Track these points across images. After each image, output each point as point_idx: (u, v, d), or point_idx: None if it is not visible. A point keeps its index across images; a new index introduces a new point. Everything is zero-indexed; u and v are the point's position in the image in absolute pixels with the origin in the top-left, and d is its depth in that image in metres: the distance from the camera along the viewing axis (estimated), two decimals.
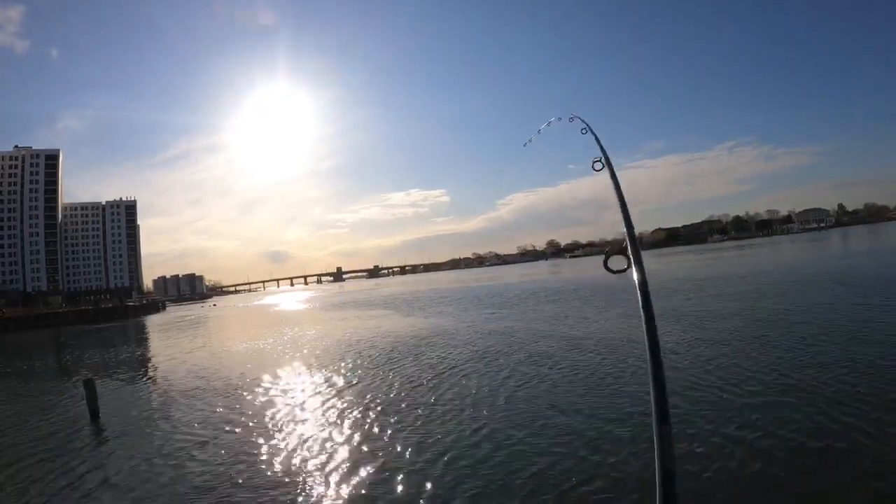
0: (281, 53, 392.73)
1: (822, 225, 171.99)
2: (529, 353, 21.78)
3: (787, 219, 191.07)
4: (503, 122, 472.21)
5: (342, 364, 22.96)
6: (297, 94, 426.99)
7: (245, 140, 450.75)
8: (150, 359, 33.38)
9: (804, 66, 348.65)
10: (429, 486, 9.50)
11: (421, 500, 9.02)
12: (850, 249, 66.56)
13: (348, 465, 10.90)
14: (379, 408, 15.33)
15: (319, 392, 18.41)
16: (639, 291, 1.79)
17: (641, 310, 1.74)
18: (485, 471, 9.83)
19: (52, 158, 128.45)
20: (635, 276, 1.89)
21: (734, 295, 31.79)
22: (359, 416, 14.77)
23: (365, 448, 11.82)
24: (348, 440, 12.73)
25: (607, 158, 2.83)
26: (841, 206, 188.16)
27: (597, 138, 3.18)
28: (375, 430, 13.27)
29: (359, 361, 23.27)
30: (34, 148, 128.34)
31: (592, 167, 2.82)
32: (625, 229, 2.12)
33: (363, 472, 10.40)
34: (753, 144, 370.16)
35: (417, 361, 22.15)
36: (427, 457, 10.90)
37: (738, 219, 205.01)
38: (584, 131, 3.43)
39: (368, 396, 16.83)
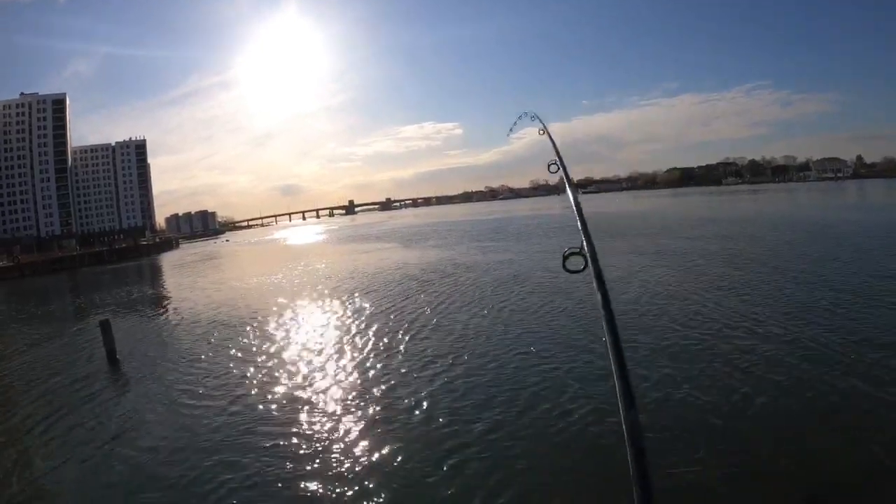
0: None
1: (839, 175, 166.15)
2: (539, 284, 22.14)
3: (805, 166, 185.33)
4: (518, 54, 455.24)
5: (352, 297, 23.12)
6: (307, 25, 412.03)
7: (256, 76, 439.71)
8: (165, 297, 33.84)
9: (823, 11, 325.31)
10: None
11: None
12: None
13: (361, 396, 11.11)
14: (386, 336, 15.59)
15: (331, 324, 18.70)
16: (598, 292, 1.81)
17: (601, 308, 1.73)
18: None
19: (58, 103, 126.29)
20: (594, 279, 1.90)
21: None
22: (370, 345, 15.03)
23: (376, 379, 11.97)
24: (359, 369, 12.98)
25: (562, 162, 3.01)
26: (860, 158, 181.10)
27: (553, 141, 3.29)
28: (385, 358, 13.48)
29: (368, 294, 23.39)
30: (41, 94, 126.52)
31: (548, 169, 2.99)
32: (580, 228, 2.21)
33: (379, 400, 10.74)
34: (771, 88, 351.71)
35: (433, 292, 22.37)
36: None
37: (753, 163, 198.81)
38: (541, 132, 3.59)
39: (378, 325, 17.16)
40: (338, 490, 7.68)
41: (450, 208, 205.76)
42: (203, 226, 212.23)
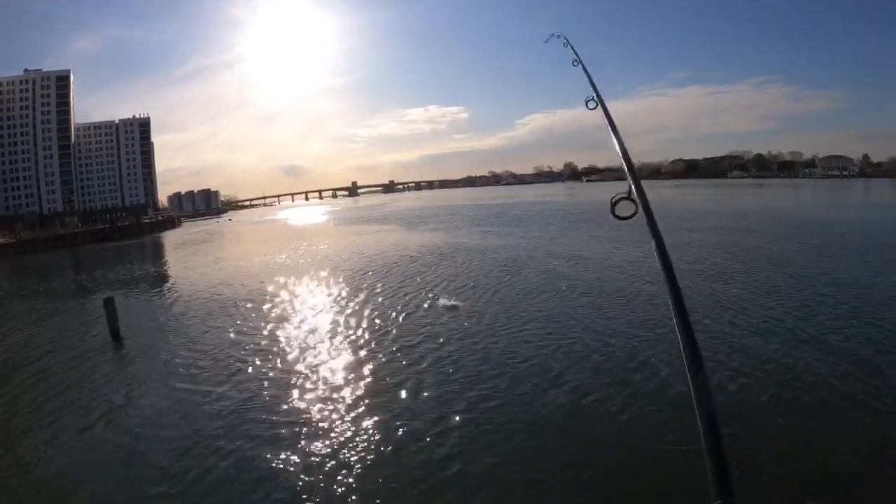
0: None
1: (845, 173, 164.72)
2: (539, 271, 22.19)
3: (811, 163, 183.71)
4: (525, 41, 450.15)
5: (354, 278, 23.09)
6: (313, 3, 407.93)
7: (262, 55, 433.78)
8: (168, 275, 33.93)
9: (836, 7, 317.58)
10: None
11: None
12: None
13: (358, 374, 11.17)
14: (385, 316, 15.62)
15: (332, 304, 18.78)
16: (652, 239, 1.69)
17: (658, 260, 1.60)
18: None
19: (62, 80, 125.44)
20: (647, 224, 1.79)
21: None
22: (369, 325, 15.06)
23: (374, 358, 12.01)
24: (359, 348, 13.05)
25: (600, 97, 2.66)
26: (866, 157, 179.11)
27: (588, 74, 2.95)
28: (383, 337, 13.47)
29: (370, 275, 23.43)
30: (44, 70, 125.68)
31: (586, 105, 2.67)
32: (628, 176, 2.01)
33: (376, 379, 10.79)
34: (780, 83, 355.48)
35: (429, 274, 22.45)
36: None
37: (759, 157, 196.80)
38: (575, 63, 3.20)
39: (377, 305, 17.26)
40: (340, 472, 7.78)
41: (453, 192, 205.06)
42: (206, 205, 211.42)
